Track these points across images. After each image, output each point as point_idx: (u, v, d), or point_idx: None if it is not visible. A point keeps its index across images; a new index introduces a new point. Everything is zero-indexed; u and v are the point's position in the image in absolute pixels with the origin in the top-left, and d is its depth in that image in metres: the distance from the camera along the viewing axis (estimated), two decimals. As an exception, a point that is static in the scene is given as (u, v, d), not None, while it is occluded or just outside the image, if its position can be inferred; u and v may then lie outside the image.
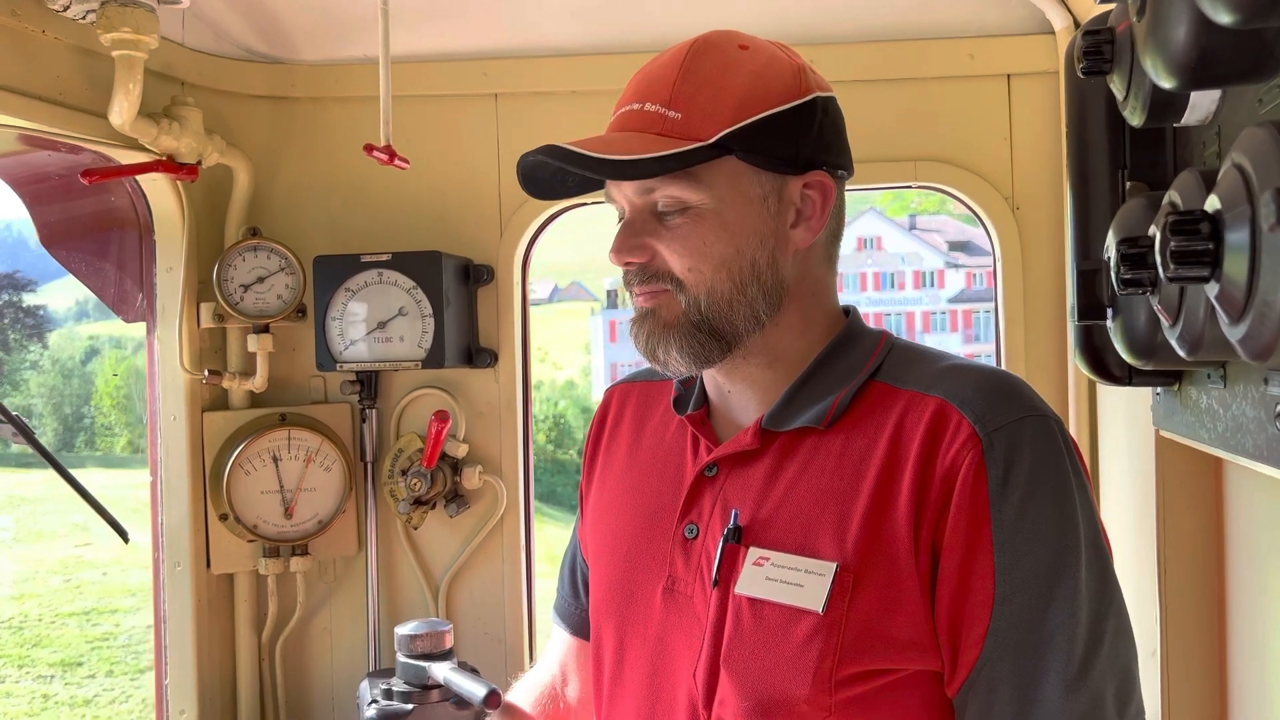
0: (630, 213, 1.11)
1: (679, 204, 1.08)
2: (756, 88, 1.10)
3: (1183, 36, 0.83)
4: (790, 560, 1.05)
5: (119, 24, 1.63)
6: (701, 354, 1.10)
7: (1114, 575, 1.04)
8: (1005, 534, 1.00)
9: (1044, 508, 1.01)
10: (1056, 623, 0.98)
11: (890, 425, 1.06)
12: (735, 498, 1.11)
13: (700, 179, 1.08)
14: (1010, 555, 0.99)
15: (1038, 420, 1.04)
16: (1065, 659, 0.98)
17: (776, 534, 1.07)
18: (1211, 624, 1.46)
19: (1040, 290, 1.99)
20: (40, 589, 14.94)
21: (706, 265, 1.09)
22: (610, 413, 1.34)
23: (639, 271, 1.11)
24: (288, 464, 2.07)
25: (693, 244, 1.08)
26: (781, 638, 1.03)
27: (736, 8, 2.00)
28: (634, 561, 1.18)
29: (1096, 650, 0.99)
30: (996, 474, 1.00)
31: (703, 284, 1.09)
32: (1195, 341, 0.89)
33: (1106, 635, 1.00)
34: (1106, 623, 1.00)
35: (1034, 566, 0.99)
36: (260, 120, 2.12)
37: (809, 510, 1.06)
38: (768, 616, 1.04)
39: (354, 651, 2.13)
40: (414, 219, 2.11)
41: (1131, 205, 1.12)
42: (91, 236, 2.04)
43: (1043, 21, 1.93)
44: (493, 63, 2.09)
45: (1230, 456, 1.06)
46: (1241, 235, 0.70)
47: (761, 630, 1.04)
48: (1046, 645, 0.98)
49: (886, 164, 2.03)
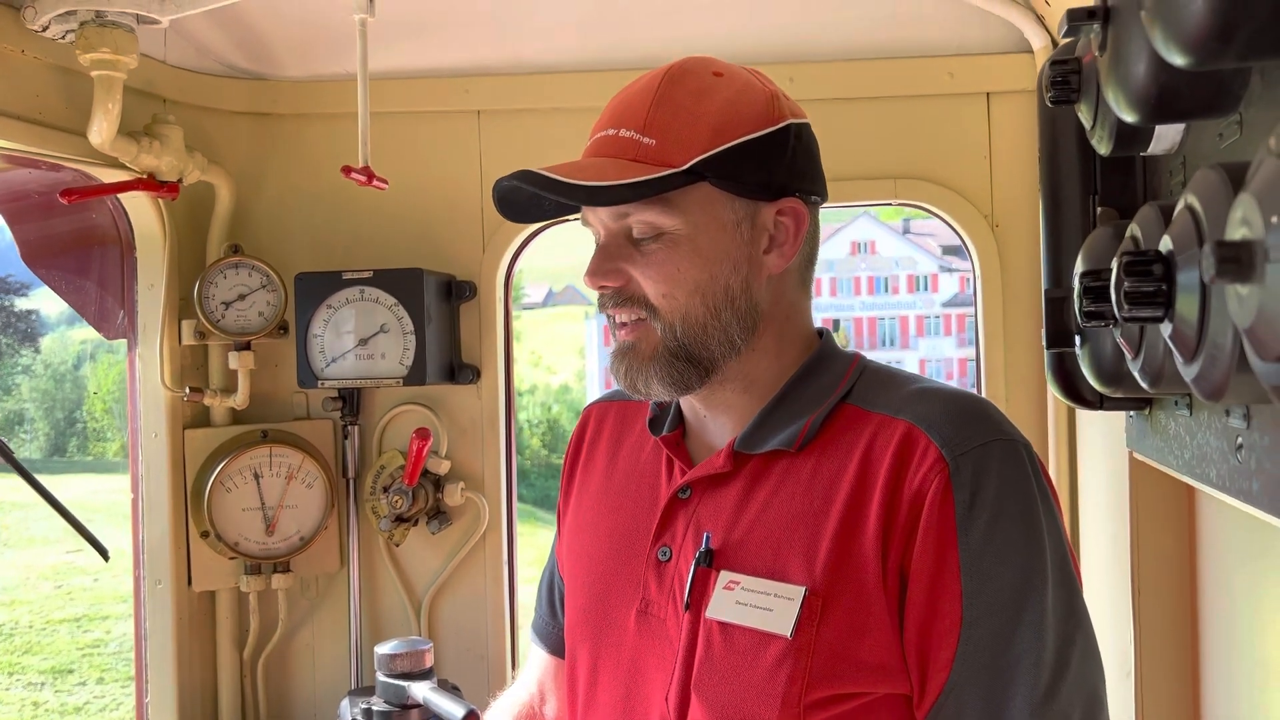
0: (605, 237, 1.12)
1: (653, 230, 1.09)
2: (730, 114, 1.11)
3: (1142, 73, 0.84)
4: (760, 584, 1.05)
5: (98, 44, 1.63)
6: (681, 381, 1.11)
7: (1081, 599, 1.05)
8: (972, 557, 1.00)
9: (1011, 531, 1.01)
10: (1023, 646, 0.99)
11: (860, 448, 1.07)
12: (708, 520, 1.11)
13: (674, 205, 1.08)
14: (977, 579, 1.00)
15: (1005, 444, 1.05)
16: (1032, 682, 0.98)
17: (747, 557, 1.07)
18: (1184, 644, 1.47)
19: (1020, 307, 2.00)
20: (31, 595, 14.88)
21: (680, 291, 1.09)
22: (588, 431, 1.35)
23: (614, 296, 1.12)
24: (269, 481, 2.07)
25: (667, 270, 1.09)
26: (751, 662, 1.04)
27: (718, 26, 2.01)
28: (608, 583, 1.19)
29: (1063, 674, 0.99)
30: (963, 498, 1.01)
31: (677, 310, 1.10)
32: (1156, 375, 0.90)
33: (1074, 659, 1.00)
34: (1074, 646, 1.01)
35: (1000, 590, 1.00)
36: (242, 137, 2.12)
37: (779, 534, 1.07)
38: (737, 640, 1.05)
39: (336, 669, 2.13)
40: (396, 236, 2.11)
41: (1098, 234, 1.12)
42: (73, 254, 2.04)
43: (1021, 41, 1.94)
44: (475, 79, 2.09)
45: (1196, 484, 1.07)
46: (1192, 277, 0.71)
47: (731, 654, 1.05)
48: (1013, 668, 0.99)
49: (867, 181, 2.04)
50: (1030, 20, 1.88)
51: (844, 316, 42.80)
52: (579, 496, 1.31)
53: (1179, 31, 0.68)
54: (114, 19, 1.63)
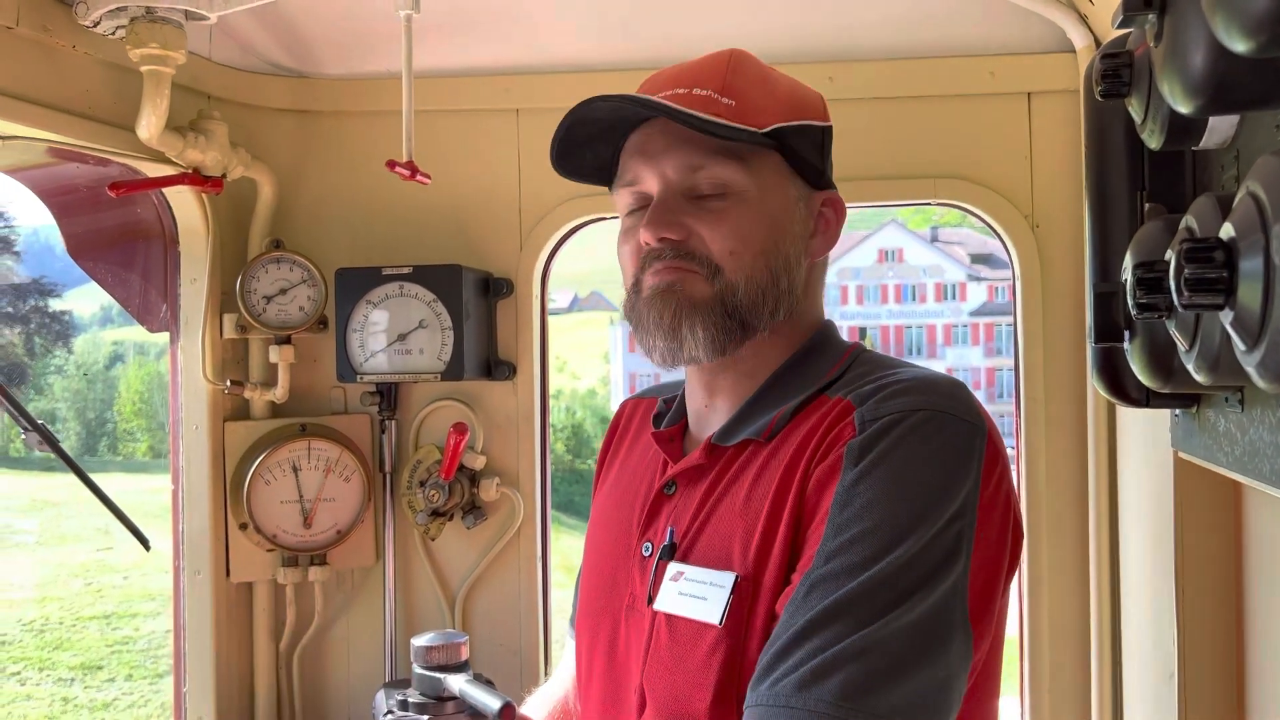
0: (664, 192, 1.10)
1: (722, 186, 1.09)
2: (796, 97, 1.15)
3: (1199, 62, 0.83)
4: (699, 574, 1.04)
5: (148, 40, 1.65)
6: (721, 342, 1.09)
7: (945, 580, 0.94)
8: (838, 504, 0.96)
9: (889, 486, 0.95)
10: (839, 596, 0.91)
11: (804, 432, 1.05)
12: (681, 515, 1.11)
13: (749, 164, 1.09)
14: (834, 529, 0.95)
15: (930, 414, 1.00)
16: (821, 621, 0.90)
17: (699, 549, 1.07)
18: (1229, 647, 1.45)
19: (1060, 309, 1.99)
20: (62, 592, 15.08)
21: (748, 251, 1.09)
22: (619, 427, 1.36)
23: (671, 250, 1.08)
24: (307, 474, 2.08)
25: (736, 227, 1.08)
26: (689, 652, 1.03)
27: (757, 25, 2.01)
28: (607, 579, 1.19)
29: (850, 631, 0.89)
30: (852, 455, 0.98)
31: (742, 270, 1.08)
32: (1212, 365, 0.89)
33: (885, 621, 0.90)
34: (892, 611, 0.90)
35: (850, 542, 0.94)
36: (285, 134, 2.15)
37: (728, 523, 1.06)
38: (679, 631, 1.04)
39: (371, 661, 2.15)
40: (435, 232, 2.13)
41: (1149, 228, 1.12)
42: (117, 247, 2.07)
43: (1063, 40, 1.93)
44: (514, 78, 2.11)
45: (1247, 480, 1.06)
46: (1256, 263, 0.70)
47: (674, 646, 1.04)
48: (813, 603, 0.92)
49: (906, 180, 2.03)
50: (1073, 19, 1.87)
51: (871, 324, 42.63)
52: (600, 492, 1.33)
53: (1241, 16, 0.68)
54: (164, 14, 1.66)
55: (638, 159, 1.12)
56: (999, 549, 1.02)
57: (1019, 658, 1.99)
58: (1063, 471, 1.97)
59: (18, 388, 30.40)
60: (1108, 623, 1.89)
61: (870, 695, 0.87)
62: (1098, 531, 1.91)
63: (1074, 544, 1.96)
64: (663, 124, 1.10)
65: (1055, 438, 1.97)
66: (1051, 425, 1.97)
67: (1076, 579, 1.95)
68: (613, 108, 1.09)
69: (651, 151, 1.10)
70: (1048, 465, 1.97)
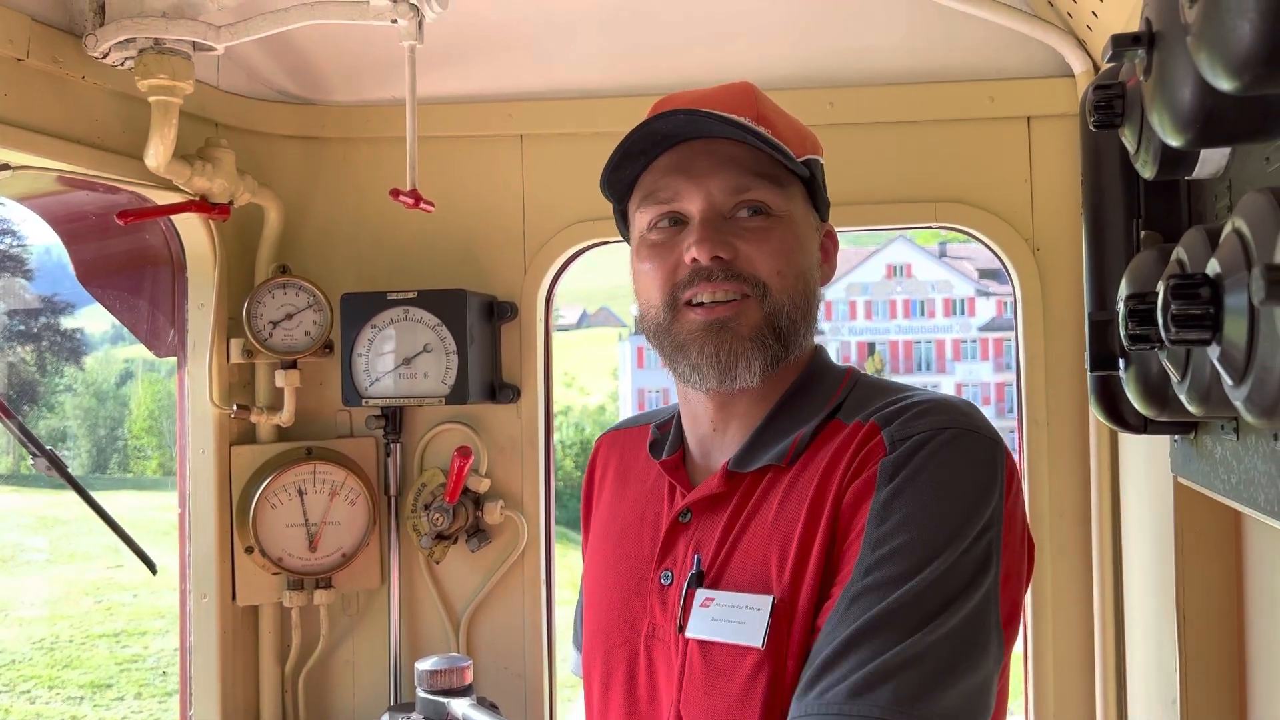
0: (709, 211, 1.11)
1: (764, 208, 1.12)
2: (807, 134, 1.20)
3: (1188, 97, 0.85)
4: (732, 598, 1.06)
5: (156, 70, 1.67)
6: (770, 363, 1.12)
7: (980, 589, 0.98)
8: (878, 513, 1.00)
9: (925, 502, 0.99)
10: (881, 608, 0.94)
11: (828, 455, 1.07)
12: (704, 542, 1.12)
13: (784, 189, 1.13)
14: (872, 544, 0.99)
15: (953, 431, 1.04)
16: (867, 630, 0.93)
17: (730, 574, 1.08)
18: (1231, 673, 1.45)
19: (1062, 331, 1.99)
20: (72, 610, 15.10)
21: (791, 270, 1.12)
22: (598, 464, 1.37)
23: (721, 269, 1.10)
24: (313, 497, 2.10)
25: (780, 247, 1.11)
26: (729, 676, 1.04)
27: (759, 52, 2.03)
28: (618, 611, 1.19)
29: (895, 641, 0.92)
30: (886, 471, 1.02)
31: (786, 289, 1.11)
32: (1203, 397, 0.90)
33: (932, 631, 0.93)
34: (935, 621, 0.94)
35: (890, 555, 0.97)
36: (291, 160, 2.17)
37: (759, 548, 1.07)
38: (715, 657, 1.05)
39: (376, 685, 2.15)
40: (440, 257, 2.15)
41: (1143, 258, 1.12)
42: (126, 273, 2.09)
43: (1063, 65, 1.94)
44: (518, 104, 2.13)
45: (1243, 508, 1.06)
46: (1240, 300, 0.71)
47: (710, 671, 1.05)
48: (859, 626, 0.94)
49: (907, 204, 2.04)
50: (1071, 44, 1.88)
51: (880, 340, 42.55)
52: (595, 529, 1.33)
53: (1226, 56, 0.69)
54: (171, 46, 1.68)
55: (677, 177, 1.13)
56: (1020, 557, 1.06)
57: (1024, 681, 1.98)
58: (1066, 494, 1.97)
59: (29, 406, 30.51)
60: (1111, 647, 1.89)
61: (922, 701, 0.90)
62: (1101, 555, 1.91)
63: (1077, 568, 1.95)
64: (705, 144, 1.12)
65: (1058, 460, 1.98)
66: (1054, 448, 1.98)
67: (1080, 603, 1.95)
68: (679, 123, 1.10)
69: (696, 171, 1.12)
70: (1051, 488, 1.97)
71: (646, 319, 1.17)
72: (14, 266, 28.55)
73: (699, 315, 1.11)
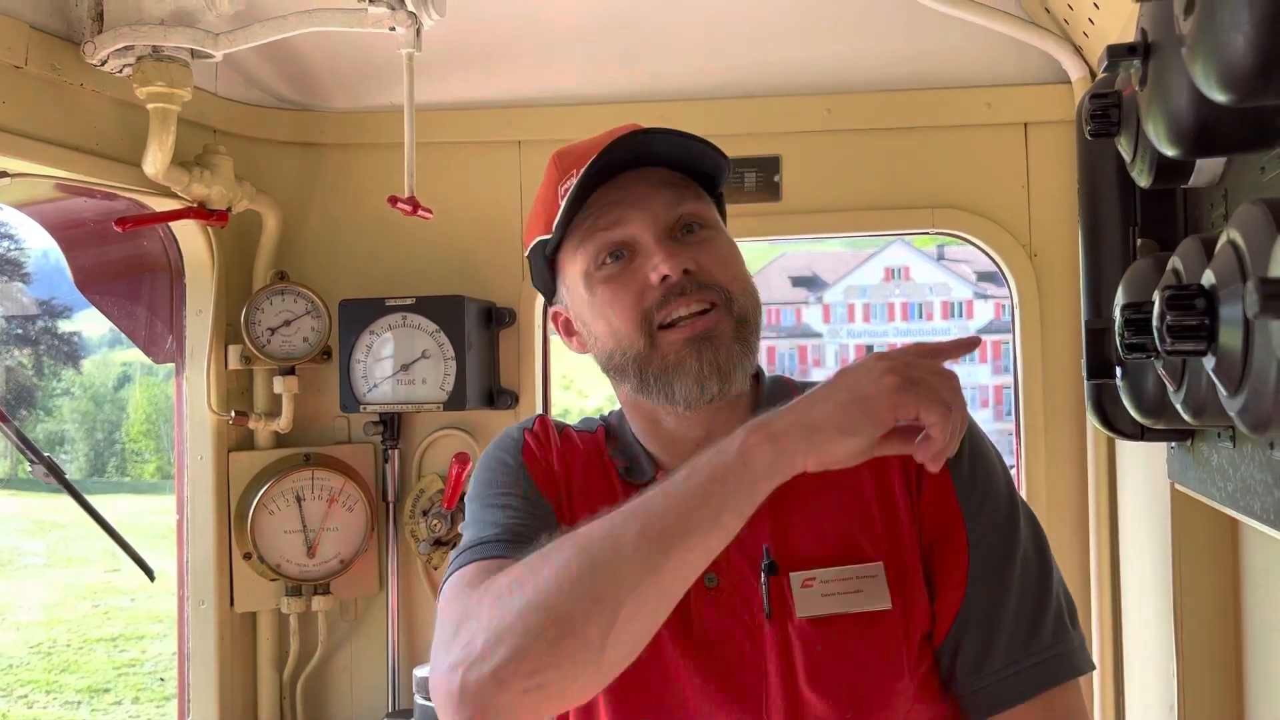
0: (655, 233, 1.13)
1: (702, 221, 1.15)
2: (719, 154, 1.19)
3: (1183, 108, 0.85)
4: (835, 573, 1.09)
5: (154, 78, 1.68)
6: (749, 364, 1.15)
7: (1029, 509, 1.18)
8: (964, 491, 1.11)
9: (987, 468, 1.14)
10: (1019, 555, 1.10)
11: None
12: (748, 535, 1.09)
13: (709, 204, 1.18)
14: (972, 507, 1.11)
15: None
16: (1033, 582, 1.10)
17: (810, 554, 1.10)
18: (1229, 679, 1.45)
19: (1059, 337, 1.99)
20: (69, 614, 15.07)
21: (740, 271, 1.16)
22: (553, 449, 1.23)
23: (692, 281, 1.11)
24: (311, 504, 2.10)
25: (727, 255, 1.15)
26: (864, 643, 1.07)
27: (756, 58, 2.03)
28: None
29: (1049, 568, 1.13)
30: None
31: (744, 293, 1.14)
32: (1199, 407, 0.90)
33: (1048, 553, 1.14)
34: (1046, 545, 1.15)
35: (993, 514, 1.11)
36: (289, 166, 2.17)
37: (830, 524, 1.11)
38: (840, 629, 1.07)
39: (374, 691, 2.15)
40: (438, 263, 2.15)
41: (1139, 267, 1.13)
42: (124, 280, 2.09)
43: (1059, 72, 1.95)
44: (516, 111, 2.13)
45: (1239, 516, 1.06)
46: (1235, 311, 0.72)
47: (841, 643, 1.07)
48: (1013, 575, 1.10)
49: (905, 210, 2.05)
50: (1068, 51, 1.89)
51: (877, 343, 42.54)
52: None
53: (1220, 69, 0.69)
54: (170, 54, 1.68)
55: (617, 207, 1.14)
56: None
57: (1021, 686, 1.98)
58: (1064, 500, 1.97)
59: (27, 410, 30.46)
60: (1109, 653, 1.89)
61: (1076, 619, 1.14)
62: (1099, 561, 1.91)
63: (1076, 573, 1.95)
64: (634, 175, 1.15)
65: (1056, 466, 1.98)
66: (1052, 454, 1.98)
67: (1078, 608, 1.95)
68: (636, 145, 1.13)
69: (634, 198, 1.14)
70: (1049, 494, 1.97)
71: (617, 353, 1.14)
72: (11, 270, 28.53)
73: (681, 334, 1.11)
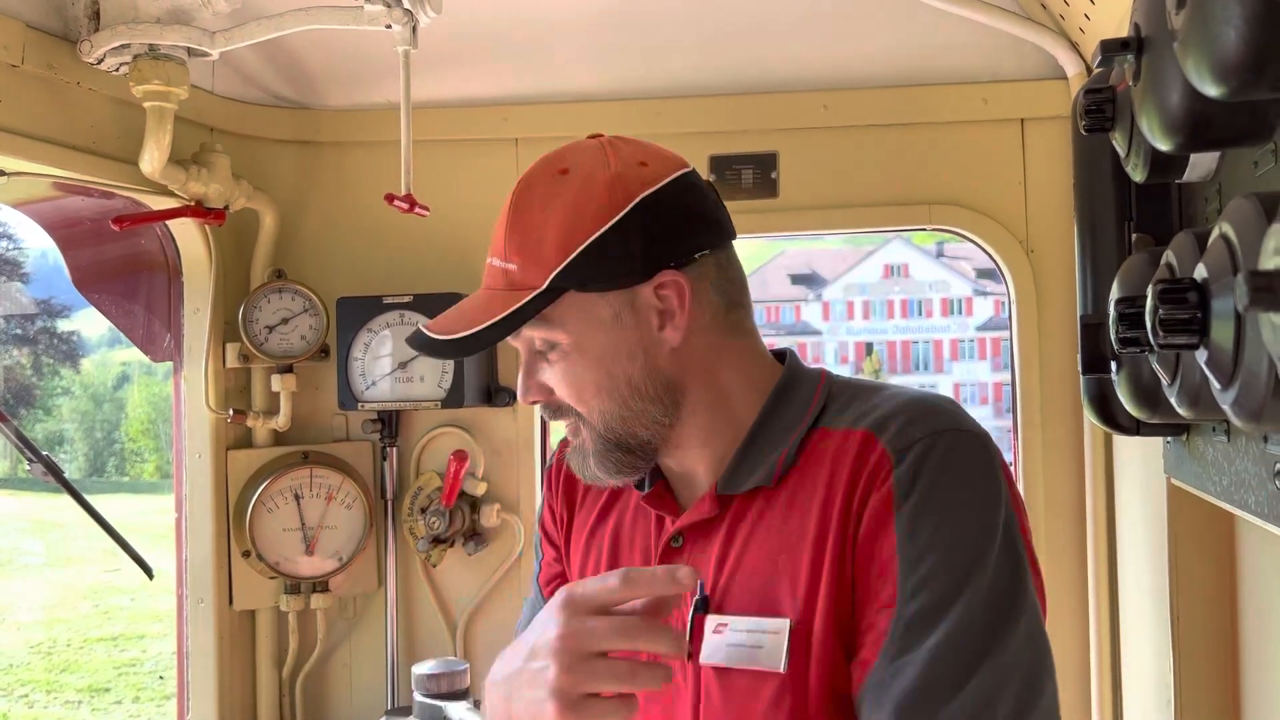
0: (524, 355, 1.13)
1: (546, 344, 1.10)
2: (574, 217, 1.07)
3: (1176, 102, 0.85)
4: (746, 623, 1.04)
5: (151, 76, 1.68)
6: (628, 466, 1.13)
7: (1026, 582, 1.00)
8: (905, 538, 0.98)
9: (945, 513, 0.98)
10: (950, 627, 0.95)
11: (826, 468, 1.05)
12: (700, 567, 1.10)
13: (552, 320, 1.08)
14: (910, 559, 0.97)
15: (952, 434, 1.02)
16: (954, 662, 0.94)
17: (735, 598, 1.06)
18: (1225, 673, 1.46)
19: (1056, 332, 2.00)
20: (69, 614, 15.08)
21: (587, 394, 1.10)
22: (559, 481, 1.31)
23: (545, 408, 1.14)
24: (309, 502, 2.10)
25: (569, 379, 1.10)
26: (749, 702, 1.02)
27: (751, 54, 2.03)
28: None
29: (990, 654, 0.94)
30: (901, 487, 0.99)
31: (594, 412, 1.11)
32: (1193, 400, 0.91)
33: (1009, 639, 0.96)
34: (1008, 627, 0.96)
35: (934, 571, 0.96)
36: (286, 164, 2.17)
37: (764, 569, 1.05)
38: (734, 683, 1.03)
39: (373, 688, 2.15)
40: (436, 261, 2.15)
41: (1134, 261, 1.13)
42: (122, 279, 2.09)
43: (1056, 67, 1.95)
44: (513, 108, 2.13)
45: (1234, 510, 1.07)
46: (1227, 304, 0.72)
47: (731, 698, 1.03)
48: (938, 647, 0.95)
49: (901, 207, 2.05)
50: (1064, 47, 1.89)
51: (877, 340, 42.56)
52: (577, 551, 1.28)
53: (1212, 63, 0.70)
54: (166, 52, 1.68)
55: None
56: (1028, 540, 1.05)
57: (1019, 681, 1.98)
58: (1060, 495, 1.98)
59: (26, 409, 30.45)
60: (1107, 648, 1.89)
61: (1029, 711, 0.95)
62: (1096, 555, 1.92)
63: (1073, 568, 1.96)
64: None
65: (1053, 461, 1.98)
66: (1049, 449, 1.98)
67: (1076, 603, 1.96)
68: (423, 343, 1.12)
69: None
70: (1046, 489, 1.98)
71: None
72: (10, 270, 28.53)
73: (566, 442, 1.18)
